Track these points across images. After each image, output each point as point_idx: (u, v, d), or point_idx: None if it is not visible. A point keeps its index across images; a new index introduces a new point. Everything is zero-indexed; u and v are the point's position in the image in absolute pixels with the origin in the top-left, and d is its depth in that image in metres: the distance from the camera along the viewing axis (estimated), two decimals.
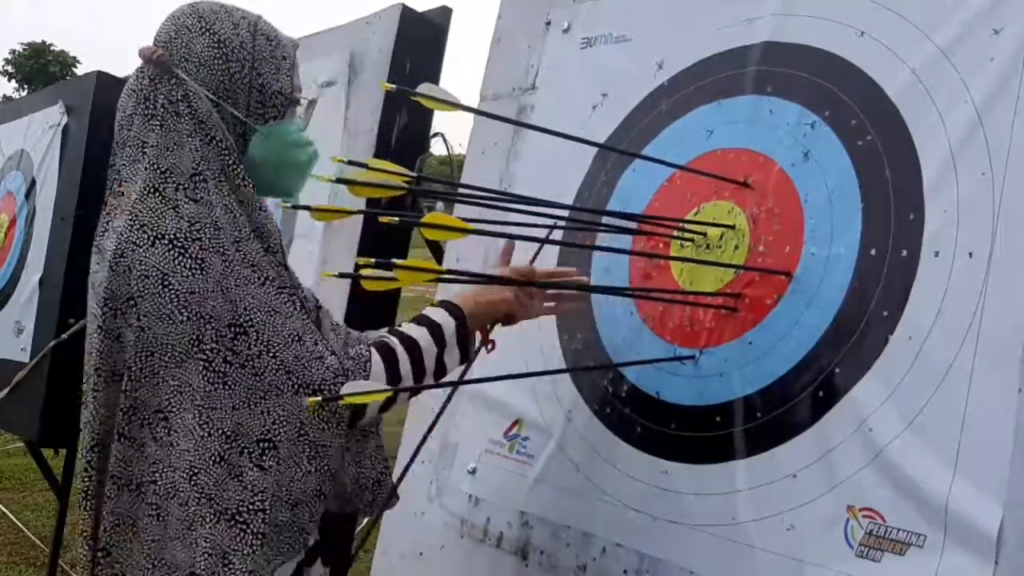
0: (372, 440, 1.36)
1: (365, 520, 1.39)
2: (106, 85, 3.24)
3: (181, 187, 1.22)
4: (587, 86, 1.78)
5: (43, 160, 3.41)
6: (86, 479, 1.26)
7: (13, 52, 41.86)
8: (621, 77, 1.72)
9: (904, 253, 1.25)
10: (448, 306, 1.39)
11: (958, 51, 1.25)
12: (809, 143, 1.40)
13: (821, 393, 1.29)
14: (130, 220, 1.21)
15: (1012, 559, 1.07)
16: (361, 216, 2.06)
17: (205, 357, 1.18)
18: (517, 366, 1.64)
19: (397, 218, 1.14)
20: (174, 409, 1.19)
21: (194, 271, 1.19)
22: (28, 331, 3.28)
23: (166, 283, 1.18)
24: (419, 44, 2.30)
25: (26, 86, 39.41)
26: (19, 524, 4.20)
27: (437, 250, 2.05)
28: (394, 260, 1.09)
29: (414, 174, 1.20)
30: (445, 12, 2.35)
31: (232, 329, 1.19)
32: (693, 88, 1.59)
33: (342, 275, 1.15)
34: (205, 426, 1.18)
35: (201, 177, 1.23)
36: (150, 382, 1.20)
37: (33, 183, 3.48)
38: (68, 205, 3.20)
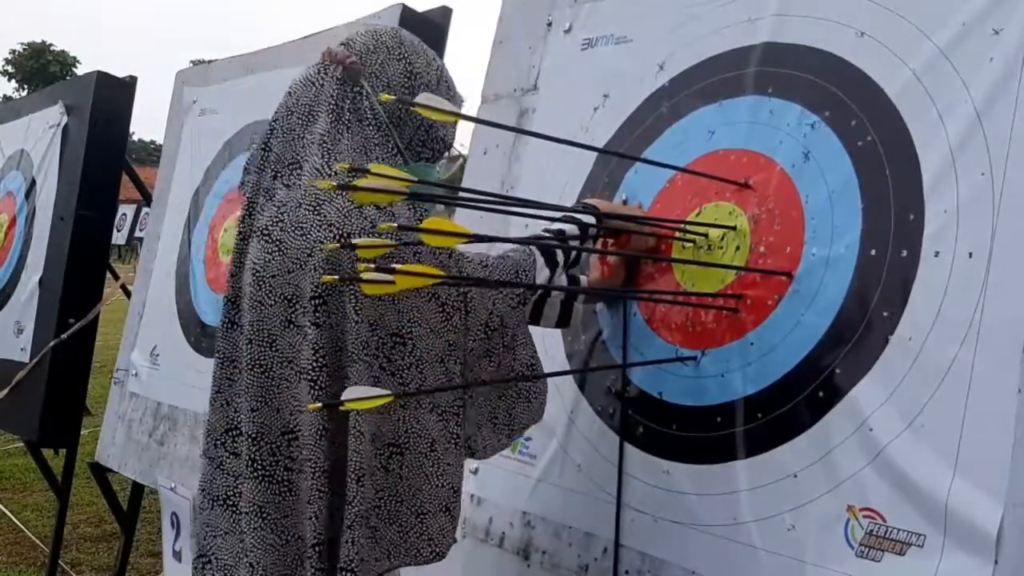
0: None
1: None
2: (106, 85, 3.24)
3: None
4: (589, 87, 1.78)
5: (43, 160, 3.41)
6: (317, 472, 1.24)
7: (13, 52, 41.86)
8: (622, 78, 1.72)
9: (904, 253, 1.25)
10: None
11: (958, 51, 1.25)
12: (809, 144, 1.40)
13: (821, 393, 1.29)
14: (319, 218, 1.22)
15: (1012, 559, 1.07)
16: None
17: (368, 361, 1.21)
18: None
19: (395, 224, 1.14)
20: None
21: None
22: (28, 331, 3.29)
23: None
24: None
25: (26, 86, 39.38)
26: (19, 524, 4.20)
27: None
28: (395, 265, 1.09)
29: (415, 179, 1.20)
30: (445, 12, 2.34)
31: (393, 339, 1.22)
32: (694, 89, 1.59)
33: (342, 280, 1.16)
34: (360, 426, 1.21)
35: None
36: (337, 377, 1.23)
37: (33, 183, 3.48)
38: (68, 205, 3.19)
